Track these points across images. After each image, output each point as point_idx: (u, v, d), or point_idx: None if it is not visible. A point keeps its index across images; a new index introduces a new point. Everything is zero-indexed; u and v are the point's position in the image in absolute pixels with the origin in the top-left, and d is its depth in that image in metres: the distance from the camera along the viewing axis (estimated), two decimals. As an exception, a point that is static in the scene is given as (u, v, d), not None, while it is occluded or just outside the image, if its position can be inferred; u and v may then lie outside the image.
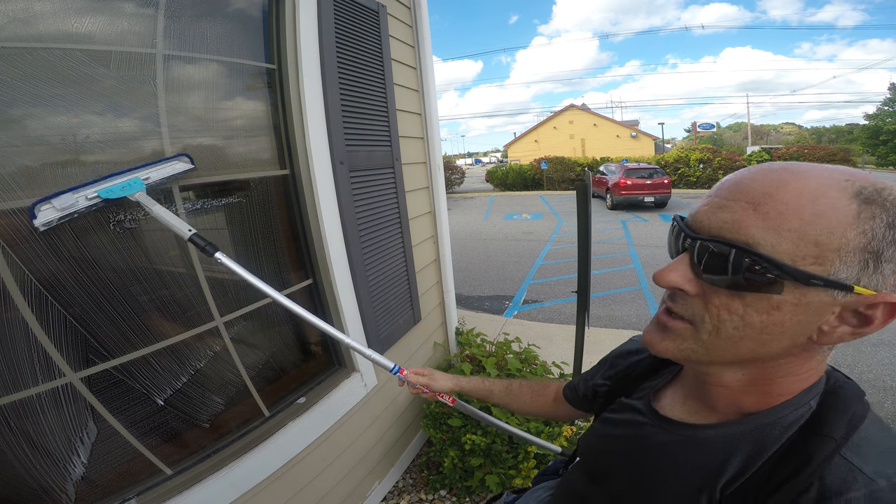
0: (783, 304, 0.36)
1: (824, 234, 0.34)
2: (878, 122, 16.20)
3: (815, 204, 0.34)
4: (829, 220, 0.34)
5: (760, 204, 0.36)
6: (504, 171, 19.66)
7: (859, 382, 0.46)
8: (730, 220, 0.37)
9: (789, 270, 0.35)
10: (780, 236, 0.35)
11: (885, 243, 0.34)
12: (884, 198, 0.34)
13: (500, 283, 5.57)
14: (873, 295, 0.34)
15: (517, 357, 2.17)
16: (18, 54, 0.82)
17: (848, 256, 0.34)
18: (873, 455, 0.37)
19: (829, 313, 0.37)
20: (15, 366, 0.84)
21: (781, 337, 0.38)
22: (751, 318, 0.38)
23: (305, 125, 1.37)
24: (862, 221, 0.34)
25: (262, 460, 1.24)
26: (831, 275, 0.35)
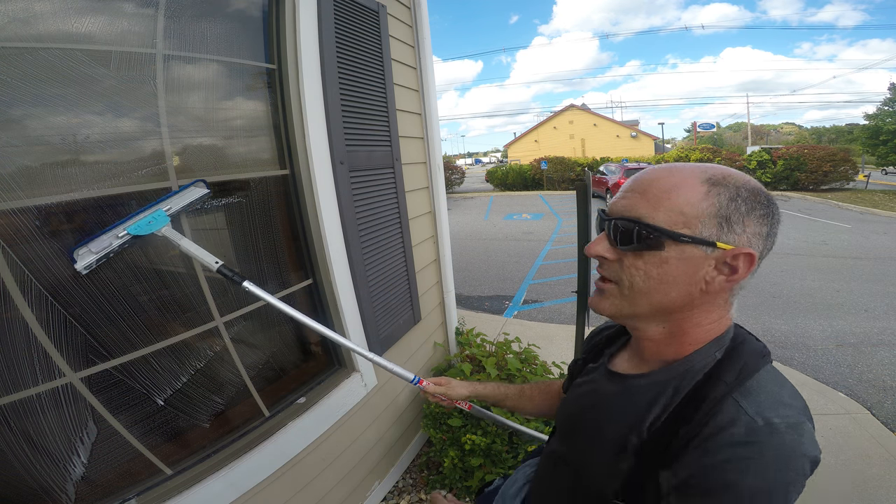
0: (669, 259, 0.50)
1: (687, 207, 0.49)
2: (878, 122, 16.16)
3: (679, 188, 0.50)
4: (688, 197, 0.49)
5: (645, 191, 0.52)
6: (504, 171, 19.66)
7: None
8: (627, 205, 0.53)
9: (665, 232, 0.49)
10: (657, 211, 0.50)
11: (730, 210, 0.49)
12: (727, 181, 0.50)
13: (500, 283, 5.57)
14: (733, 248, 0.49)
15: (517, 357, 2.17)
16: (18, 54, 0.82)
17: (706, 220, 0.49)
18: (759, 400, 0.47)
19: (707, 265, 0.50)
20: (15, 366, 0.84)
21: (675, 285, 0.51)
22: (650, 271, 0.51)
23: (305, 125, 1.37)
24: (710, 196, 0.49)
25: (262, 460, 1.24)
26: (696, 234, 0.49)
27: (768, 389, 0.49)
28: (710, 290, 0.51)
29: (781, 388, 0.50)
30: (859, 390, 2.76)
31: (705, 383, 0.51)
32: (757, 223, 0.49)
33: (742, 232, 0.49)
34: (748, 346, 0.54)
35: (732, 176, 0.50)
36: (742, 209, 0.49)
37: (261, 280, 1.37)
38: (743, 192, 0.49)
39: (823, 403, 2.57)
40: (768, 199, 0.50)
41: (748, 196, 0.49)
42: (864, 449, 2.15)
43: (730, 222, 0.49)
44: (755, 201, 0.49)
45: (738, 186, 0.49)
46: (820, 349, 3.38)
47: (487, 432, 1.78)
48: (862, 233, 7.84)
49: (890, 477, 1.97)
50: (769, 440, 0.45)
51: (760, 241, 0.50)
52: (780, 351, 3.37)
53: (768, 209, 0.50)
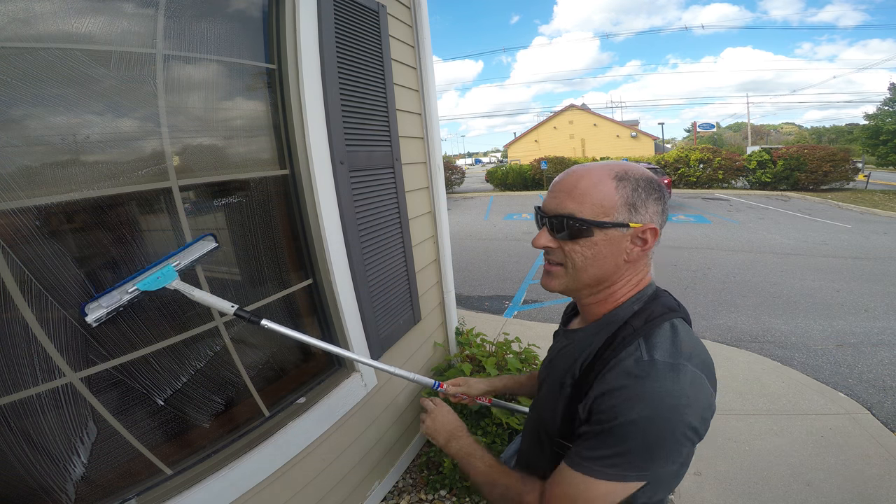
0: (598, 241, 0.64)
1: (604, 200, 0.63)
2: (878, 122, 16.17)
3: (596, 186, 0.64)
4: (603, 192, 0.63)
5: (570, 191, 0.65)
6: (504, 171, 19.65)
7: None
8: (559, 204, 0.66)
9: (591, 222, 0.63)
10: (582, 206, 0.64)
11: (635, 198, 0.63)
12: (629, 176, 0.64)
13: (500, 283, 5.57)
14: (641, 226, 0.64)
15: (517, 357, 2.17)
16: (18, 54, 0.82)
17: (619, 208, 0.63)
18: (654, 341, 0.60)
19: (625, 241, 0.64)
20: (15, 366, 0.84)
21: (606, 260, 0.65)
22: (586, 252, 0.65)
23: (305, 125, 1.37)
24: (619, 189, 0.63)
25: (262, 460, 1.24)
26: (614, 220, 0.63)
27: (666, 335, 0.61)
28: (631, 258, 0.66)
29: (680, 337, 0.61)
30: (859, 390, 2.76)
31: (621, 328, 0.65)
32: (654, 204, 0.64)
33: (645, 212, 0.64)
34: (660, 301, 0.67)
35: (632, 170, 0.65)
36: (643, 196, 0.63)
37: (261, 280, 1.37)
38: (642, 182, 0.64)
39: (823, 403, 2.57)
40: (659, 185, 0.66)
41: (646, 185, 0.64)
42: (864, 449, 2.15)
43: (635, 207, 0.63)
44: (650, 188, 0.64)
45: (638, 179, 0.64)
46: (820, 349, 3.38)
47: (488, 432, 1.78)
48: (862, 233, 7.84)
49: (890, 477, 1.97)
50: (648, 373, 0.56)
51: (658, 216, 0.65)
52: (780, 351, 3.38)
53: (660, 192, 0.66)
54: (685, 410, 0.54)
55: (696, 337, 0.64)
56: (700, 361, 0.59)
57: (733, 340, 3.57)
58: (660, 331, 0.61)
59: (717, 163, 15.60)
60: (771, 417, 2.45)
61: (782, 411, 2.51)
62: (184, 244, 1.06)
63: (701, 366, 0.58)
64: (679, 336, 0.61)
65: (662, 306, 0.66)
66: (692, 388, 0.55)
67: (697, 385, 0.56)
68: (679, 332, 0.61)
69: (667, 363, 0.56)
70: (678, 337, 0.60)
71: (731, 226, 8.75)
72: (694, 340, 0.62)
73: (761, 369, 3.00)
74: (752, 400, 2.63)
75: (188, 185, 1.13)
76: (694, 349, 0.60)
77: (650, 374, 0.55)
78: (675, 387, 0.55)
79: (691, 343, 0.61)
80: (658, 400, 0.54)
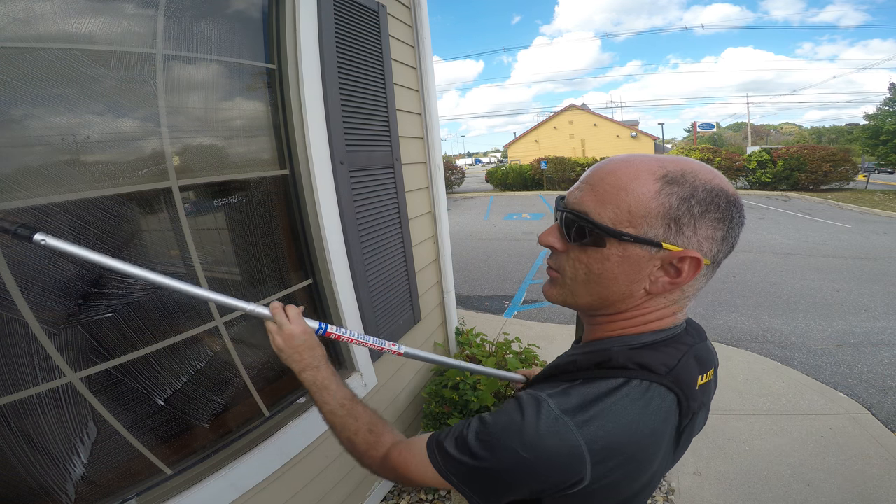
0: (611, 256, 0.49)
1: (634, 205, 0.47)
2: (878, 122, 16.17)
3: (630, 184, 0.47)
4: (637, 195, 0.47)
5: (595, 185, 0.50)
6: (504, 171, 19.65)
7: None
8: (578, 197, 0.52)
9: (606, 229, 0.48)
10: (604, 207, 0.48)
11: (681, 212, 0.46)
12: (684, 180, 0.46)
13: (500, 283, 5.57)
14: (679, 251, 0.47)
15: (517, 357, 2.17)
16: (19, 54, 0.82)
17: (652, 221, 0.46)
18: (573, 394, 0.48)
19: (651, 265, 0.49)
20: (15, 366, 0.84)
21: (617, 282, 0.50)
22: (592, 266, 0.51)
23: (305, 125, 1.37)
24: (662, 195, 0.46)
25: (262, 460, 1.24)
26: (641, 233, 0.47)
27: (584, 394, 0.47)
28: (654, 290, 0.50)
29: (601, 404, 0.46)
30: (859, 390, 2.76)
31: (570, 363, 0.54)
32: (710, 226, 0.47)
33: (692, 234, 0.47)
34: (658, 352, 0.51)
35: (693, 173, 0.47)
36: (695, 211, 0.46)
37: (261, 280, 1.37)
38: (699, 192, 0.46)
39: (823, 403, 2.57)
40: (729, 201, 0.47)
41: (705, 197, 0.46)
42: (864, 449, 2.15)
43: (679, 223, 0.46)
44: (711, 203, 0.46)
45: (696, 186, 0.46)
46: (820, 349, 3.38)
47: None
48: (862, 233, 7.84)
49: (890, 477, 1.97)
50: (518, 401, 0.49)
51: (713, 245, 0.48)
52: (780, 351, 3.38)
53: (727, 212, 0.47)
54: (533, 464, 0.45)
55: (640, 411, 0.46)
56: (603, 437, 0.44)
57: (733, 340, 3.57)
58: (585, 387, 0.48)
59: (717, 163, 15.60)
60: (771, 417, 2.45)
61: (782, 411, 2.51)
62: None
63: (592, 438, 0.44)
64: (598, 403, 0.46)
65: (649, 360, 0.49)
66: (548, 436, 0.44)
67: (557, 438, 0.44)
68: (604, 399, 0.46)
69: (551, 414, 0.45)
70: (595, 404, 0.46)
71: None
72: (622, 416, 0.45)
73: (761, 369, 3.00)
74: (752, 400, 2.63)
75: (188, 185, 1.13)
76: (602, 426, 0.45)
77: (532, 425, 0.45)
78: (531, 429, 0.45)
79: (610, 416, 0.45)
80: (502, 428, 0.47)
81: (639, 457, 0.47)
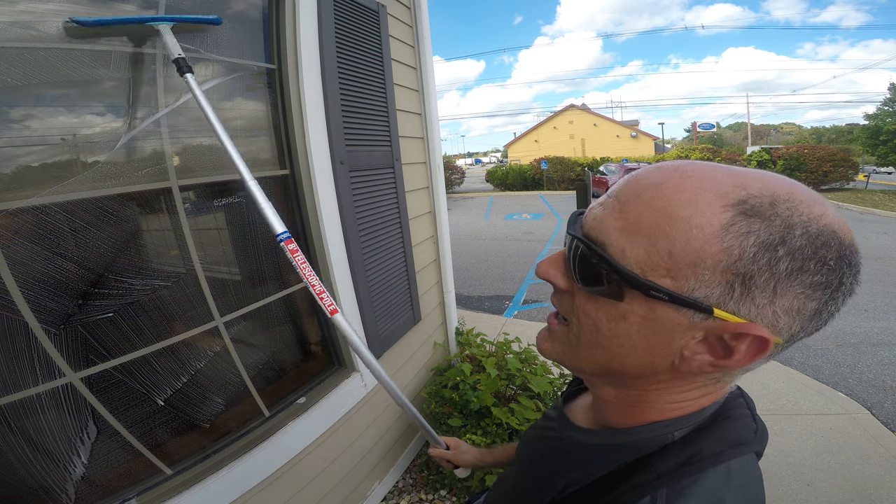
0: (630, 315, 0.34)
1: (679, 245, 0.30)
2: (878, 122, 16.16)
3: (678, 209, 0.30)
4: (688, 229, 0.30)
5: (628, 203, 0.33)
6: (504, 171, 19.65)
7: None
8: (600, 217, 0.35)
9: (627, 277, 0.32)
10: (633, 241, 0.32)
11: (756, 266, 0.28)
12: (775, 213, 0.29)
13: (500, 283, 5.57)
14: (740, 323, 0.30)
15: (517, 357, 2.17)
16: (19, 54, 0.82)
17: (706, 274, 0.30)
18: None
19: (690, 337, 0.33)
20: (15, 366, 0.84)
21: (633, 352, 0.35)
22: (601, 323, 0.35)
23: (305, 125, 1.37)
24: (730, 236, 0.29)
25: (262, 460, 1.24)
26: (682, 291, 0.31)
27: (707, 495, 0.33)
28: (684, 368, 0.34)
29: (730, 499, 0.33)
30: (859, 390, 2.76)
31: (637, 463, 0.37)
32: (801, 294, 0.29)
33: (766, 302, 0.30)
34: (726, 427, 0.37)
35: (790, 202, 0.29)
36: (782, 267, 0.28)
37: (261, 280, 1.37)
38: (797, 236, 0.28)
39: (823, 403, 2.57)
40: (841, 255, 0.29)
41: (803, 245, 0.28)
42: (864, 449, 2.15)
43: (749, 284, 0.29)
44: (813, 257, 0.28)
45: (792, 226, 0.28)
46: (820, 349, 3.38)
47: (487, 432, 1.78)
48: (862, 233, 7.84)
49: (890, 477, 1.97)
50: None
51: (796, 320, 0.30)
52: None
53: (835, 273, 0.29)
54: None
55: (758, 484, 0.36)
56: None
57: (733, 340, 3.56)
58: (699, 487, 0.33)
59: (717, 163, 15.57)
60: (771, 417, 2.45)
61: (782, 411, 2.51)
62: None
63: None
64: (727, 499, 0.33)
65: (722, 439, 0.36)
66: None
67: None
68: (730, 492, 0.33)
69: None
70: (725, 501, 0.33)
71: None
72: (749, 500, 0.35)
73: (761, 369, 2.97)
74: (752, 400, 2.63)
75: (188, 184, 1.13)
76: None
77: None
78: None
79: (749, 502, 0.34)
80: None
81: None
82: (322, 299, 0.91)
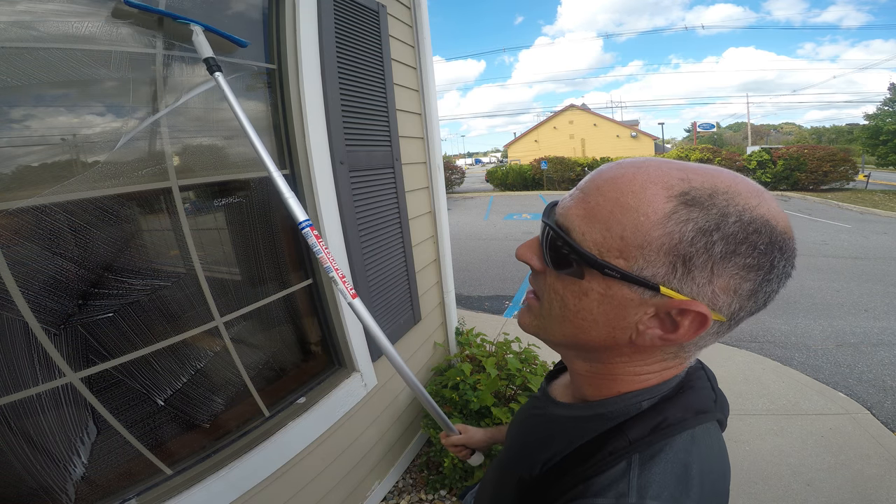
0: (590, 292, 0.39)
1: (629, 230, 0.35)
2: (878, 122, 16.18)
3: (629, 199, 0.36)
4: (636, 216, 0.35)
5: (589, 194, 0.39)
6: (504, 171, 19.65)
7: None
8: (567, 207, 0.41)
9: (585, 257, 0.37)
10: (591, 226, 0.37)
11: (694, 249, 0.33)
12: (712, 203, 0.33)
13: (500, 283, 5.57)
14: (682, 300, 0.35)
15: (517, 357, 2.17)
16: (19, 54, 0.82)
17: (652, 255, 0.34)
18: (653, 472, 0.36)
19: (643, 312, 0.37)
20: (15, 366, 0.84)
21: (595, 325, 0.40)
22: (567, 300, 0.40)
23: (305, 125, 1.37)
24: (671, 222, 0.34)
25: (262, 460, 1.24)
26: (632, 270, 0.35)
27: (675, 461, 0.37)
28: (640, 342, 0.39)
29: (694, 466, 0.37)
30: (859, 390, 2.76)
31: (611, 432, 0.41)
32: (735, 275, 0.34)
33: (706, 282, 0.34)
34: (689, 396, 0.41)
35: (728, 194, 0.34)
36: (716, 250, 0.33)
37: (261, 280, 1.37)
38: (730, 223, 0.33)
39: (823, 403, 2.57)
40: (772, 241, 0.33)
41: (735, 232, 0.33)
42: (864, 449, 2.15)
43: (689, 265, 0.34)
44: (744, 242, 0.33)
45: (726, 214, 0.33)
46: (820, 349, 3.38)
47: (487, 432, 1.77)
48: (862, 233, 7.84)
49: (890, 477, 1.97)
50: None
51: (734, 299, 0.35)
52: (780, 351, 3.38)
53: (766, 257, 0.33)
54: None
55: (720, 449, 0.41)
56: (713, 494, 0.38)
57: (733, 340, 3.56)
58: (668, 453, 0.37)
59: (717, 163, 15.58)
60: (771, 417, 2.45)
61: (782, 411, 2.51)
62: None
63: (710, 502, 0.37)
64: (693, 463, 0.37)
65: (686, 408, 0.40)
66: None
67: None
68: (695, 456, 0.38)
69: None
70: (691, 465, 0.37)
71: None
72: (714, 463, 0.39)
73: (761, 369, 3.00)
74: (752, 400, 2.63)
75: (188, 184, 1.13)
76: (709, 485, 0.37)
77: None
78: None
79: (708, 471, 0.38)
80: None
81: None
82: (344, 282, 0.96)
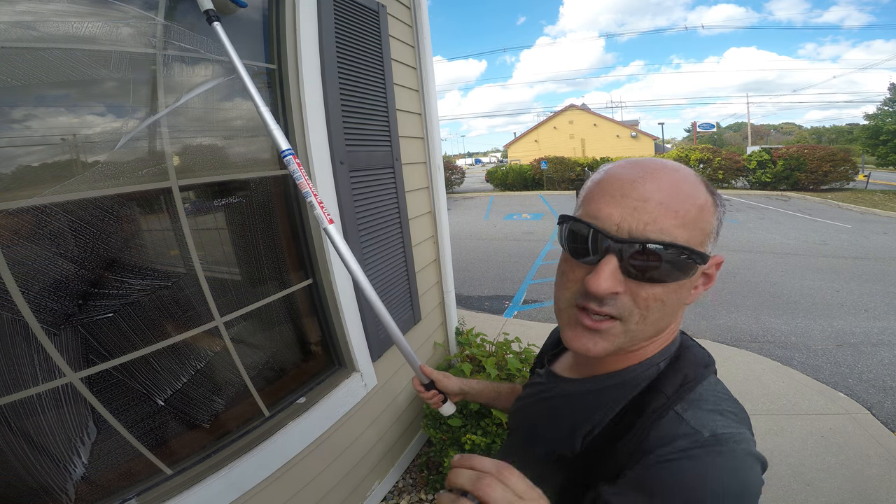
0: (688, 284, 0.46)
1: (706, 223, 0.45)
2: (878, 122, 16.18)
3: (699, 198, 0.45)
4: (708, 211, 0.45)
5: (673, 202, 0.43)
6: (504, 171, 19.64)
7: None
8: (650, 222, 0.43)
9: (703, 257, 0.44)
10: (688, 230, 0.43)
11: (719, 221, 0.47)
12: (714, 188, 0.47)
13: (500, 283, 5.57)
14: (714, 258, 0.47)
15: (517, 357, 2.17)
16: (19, 55, 0.82)
17: (712, 236, 0.46)
18: (701, 412, 0.44)
19: (698, 277, 0.47)
20: (15, 366, 0.84)
21: (680, 307, 0.48)
22: (669, 300, 0.45)
23: (305, 125, 1.37)
24: (717, 209, 0.46)
25: (262, 460, 1.24)
26: (708, 252, 0.46)
27: (710, 400, 0.46)
28: (690, 301, 0.49)
29: (722, 398, 0.47)
30: (859, 390, 2.76)
31: (645, 394, 0.48)
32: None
33: (716, 238, 0.47)
34: (692, 354, 0.51)
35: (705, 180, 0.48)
36: (722, 217, 0.48)
37: (261, 280, 1.37)
38: (721, 196, 0.48)
39: (823, 403, 2.57)
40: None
41: (723, 201, 0.48)
42: (864, 449, 2.15)
43: (718, 232, 0.47)
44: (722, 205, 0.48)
45: (718, 192, 0.48)
46: (820, 349, 3.38)
47: (487, 432, 1.78)
48: (862, 233, 7.84)
49: (890, 477, 1.97)
50: (719, 450, 0.41)
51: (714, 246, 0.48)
52: (780, 351, 3.37)
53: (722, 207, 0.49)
54: (759, 473, 0.41)
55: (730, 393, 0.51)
56: (745, 415, 0.47)
57: (733, 340, 3.56)
58: (703, 397, 0.46)
59: (717, 163, 15.59)
60: (771, 417, 2.45)
61: (782, 411, 2.51)
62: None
63: (747, 420, 0.47)
64: (726, 398, 0.48)
65: (696, 364, 0.50)
66: (755, 452, 0.42)
67: (754, 445, 0.43)
68: (725, 394, 0.48)
69: (731, 435, 0.42)
70: (725, 400, 0.47)
71: (731, 226, 8.74)
72: (730, 394, 0.50)
73: (761, 369, 3.00)
74: (752, 400, 2.63)
75: (188, 185, 1.13)
76: (738, 406, 0.48)
77: (720, 452, 0.41)
78: (747, 458, 0.41)
79: (733, 400, 0.49)
80: (736, 477, 0.40)
81: None
82: (322, 208, 0.99)
